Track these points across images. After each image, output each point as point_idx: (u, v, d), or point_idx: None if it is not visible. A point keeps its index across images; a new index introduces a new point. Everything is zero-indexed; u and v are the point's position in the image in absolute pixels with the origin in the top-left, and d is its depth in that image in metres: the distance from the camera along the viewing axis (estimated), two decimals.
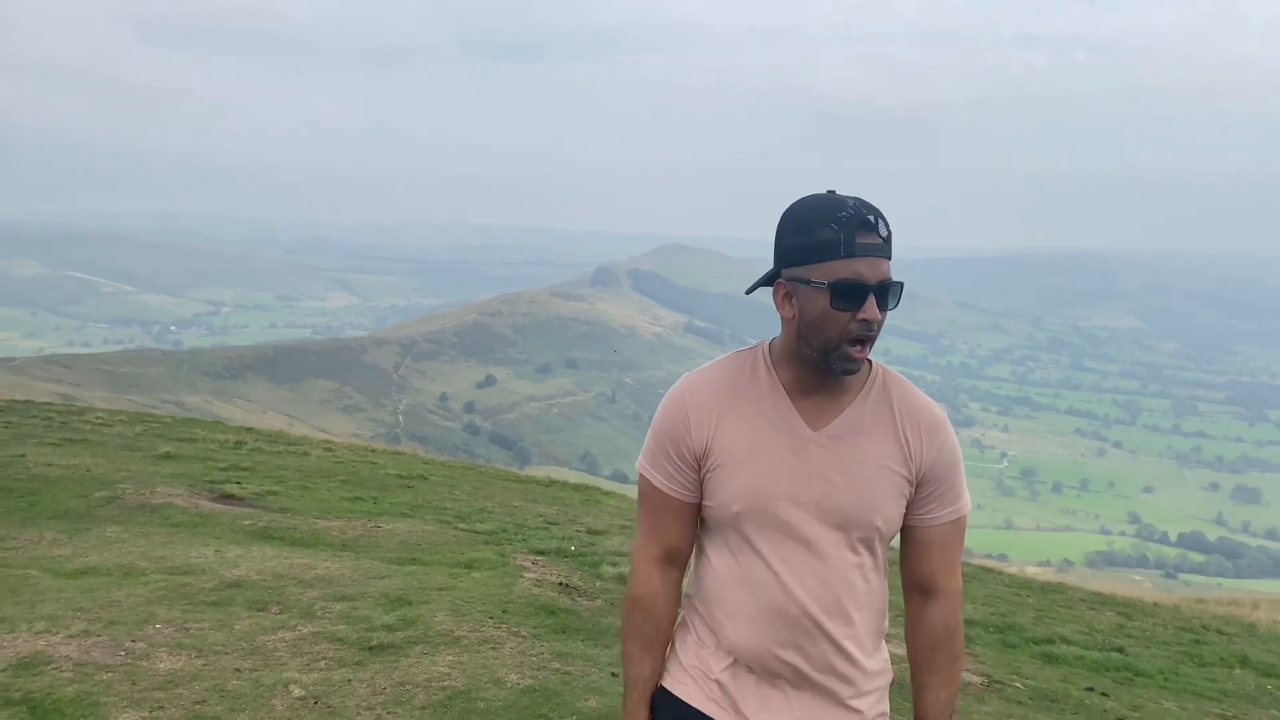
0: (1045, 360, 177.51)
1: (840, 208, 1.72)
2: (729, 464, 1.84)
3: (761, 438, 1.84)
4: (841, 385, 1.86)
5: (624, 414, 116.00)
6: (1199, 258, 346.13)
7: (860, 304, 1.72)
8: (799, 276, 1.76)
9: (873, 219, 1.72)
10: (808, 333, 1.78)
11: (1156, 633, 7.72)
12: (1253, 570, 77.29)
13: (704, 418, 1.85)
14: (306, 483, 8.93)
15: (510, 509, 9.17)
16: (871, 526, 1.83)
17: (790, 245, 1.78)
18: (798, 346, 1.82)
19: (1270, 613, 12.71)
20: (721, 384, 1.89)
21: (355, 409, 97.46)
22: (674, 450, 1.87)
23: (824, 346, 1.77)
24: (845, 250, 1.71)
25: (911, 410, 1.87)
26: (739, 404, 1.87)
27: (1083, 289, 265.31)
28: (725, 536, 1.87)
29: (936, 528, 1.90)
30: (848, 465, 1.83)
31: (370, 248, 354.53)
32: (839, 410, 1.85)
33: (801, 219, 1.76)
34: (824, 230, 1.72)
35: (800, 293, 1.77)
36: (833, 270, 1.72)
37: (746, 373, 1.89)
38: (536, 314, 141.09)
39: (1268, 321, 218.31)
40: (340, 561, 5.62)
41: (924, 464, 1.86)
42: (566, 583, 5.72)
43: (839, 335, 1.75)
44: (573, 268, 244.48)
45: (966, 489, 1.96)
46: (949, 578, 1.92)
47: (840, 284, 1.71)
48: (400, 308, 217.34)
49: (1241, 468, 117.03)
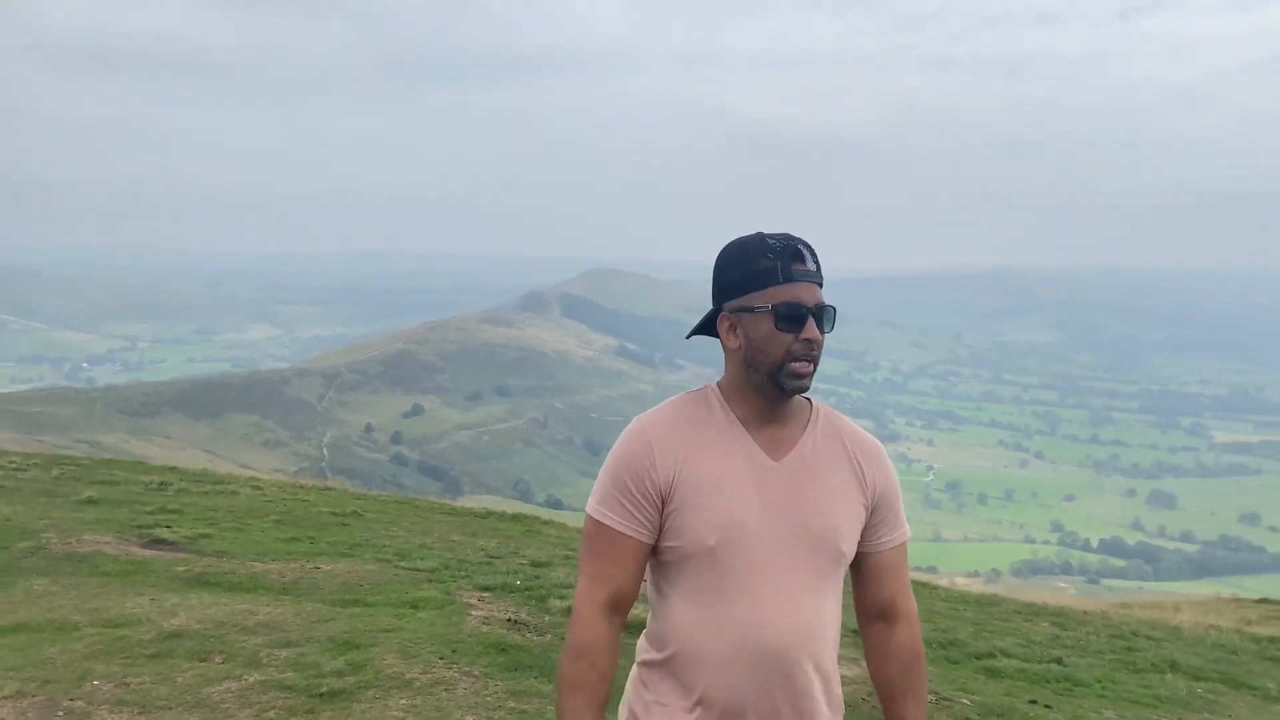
0: (967, 374, 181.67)
1: (773, 240, 1.87)
2: (697, 498, 1.84)
3: (726, 470, 1.86)
4: (790, 416, 1.93)
5: (556, 439, 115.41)
6: (1109, 271, 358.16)
7: (801, 326, 1.83)
8: (742, 306, 1.87)
9: (803, 250, 1.86)
10: (754, 357, 1.86)
11: (1090, 641, 7.92)
12: (1171, 573, 79.75)
13: (669, 452, 1.86)
14: (239, 524, 8.71)
15: (450, 544, 9.05)
16: (838, 552, 1.88)
17: (730, 280, 1.89)
18: (747, 375, 1.89)
19: (1192, 615, 13.14)
20: (679, 420, 1.91)
21: (278, 443, 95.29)
22: (636, 487, 1.86)
23: (771, 368, 1.85)
24: (783, 276, 1.83)
25: (858, 440, 1.97)
26: (700, 438, 1.89)
27: (1000, 305, 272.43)
28: (695, 577, 1.85)
29: (888, 552, 1.97)
30: (811, 493, 1.88)
31: (292, 277, 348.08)
32: (793, 441, 1.91)
33: (738, 255, 1.89)
34: (761, 261, 1.84)
35: (744, 321, 1.87)
36: (773, 295, 1.83)
37: (703, 409, 1.93)
38: (465, 341, 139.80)
39: (1176, 332, 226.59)
40: (282, 606, 5.49)
41: (876, 491, 1.95)
42: (515, 618, 5.67)
43: (784, 356, 1.84)
44: (502, 293, 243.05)
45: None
46: (907, 599, 1.99)
47: (782, 306, 1.83)
48: (323, 338, 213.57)
49: (1156, 474, 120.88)
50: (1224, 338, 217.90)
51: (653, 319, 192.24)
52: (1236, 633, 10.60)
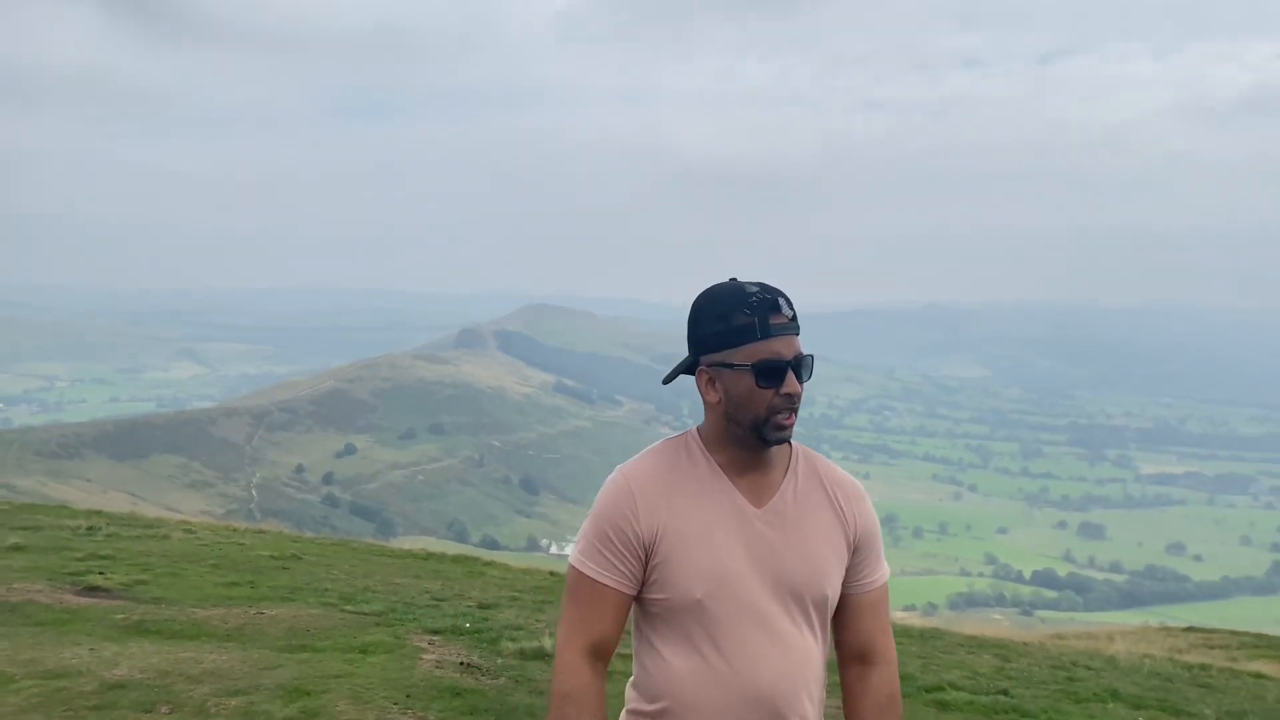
0: (900, 409, 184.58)
1: (750, 293, 1.85)
2: (683, 549, 1.85)
3: (711, 519, 1.87)
4: (771, 463, 1.93)
5: (493, 478, 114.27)
6: (1035, 307, 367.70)
7: (781, 380, 1.83)
8: (720, 361, 1.86)
9: (780, 301, 1.84)
10: (736, 412, 1.86)
11: (1033, 672, 8.04)
12: (1101, 603, 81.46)
13: (653, 504, 1.87)
14: (175, 569, 8.47)
15: (394, 587, 8.90)
16: (823, 596, 1.90)
17: (708, 333, 1.88)
18: (727, 427, 1.89)
19: (1126, 644, 13.42)
20: (662, 470, 1.91)
21: (204, 484, 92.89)
22: (619, 539, 1.86)
23: (754, 422, 1.85)
24: (761, 332, 1.82)
25: (838, 481, 2.00)
26: (684, 488, 1.89)
27: (932, 340, 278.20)
28: (682, 628, 1.86)
29: (870, 593, 1.99)
30: (795, 539, 1.89)
31: (220, 314, 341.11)
32: (774, 487, 1.92)
33: (715, 308, 1.87)
34: (739, 316, 1.83)
35: (724, 376, 1.86)
36: (752, 352, 1.82)
37: (684, 457, 1.93)
38: (399, 378, 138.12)
39: (1100, 366, 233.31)
40: (227, 653, 5.35)
41: (858, 532, 1.97)
42: (467, 662, 5.59)
43: (766, 411, 1.84)
44: (437, 330, 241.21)
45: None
46: (886, 642, 2.00)
47: (761, 364, 1.82)
48: (252, 376, 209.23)
49: (1085, 505, 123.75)
50: (1147, 372, 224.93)
51: (591, 355, 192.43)
52: (1169, 661, 10.85)
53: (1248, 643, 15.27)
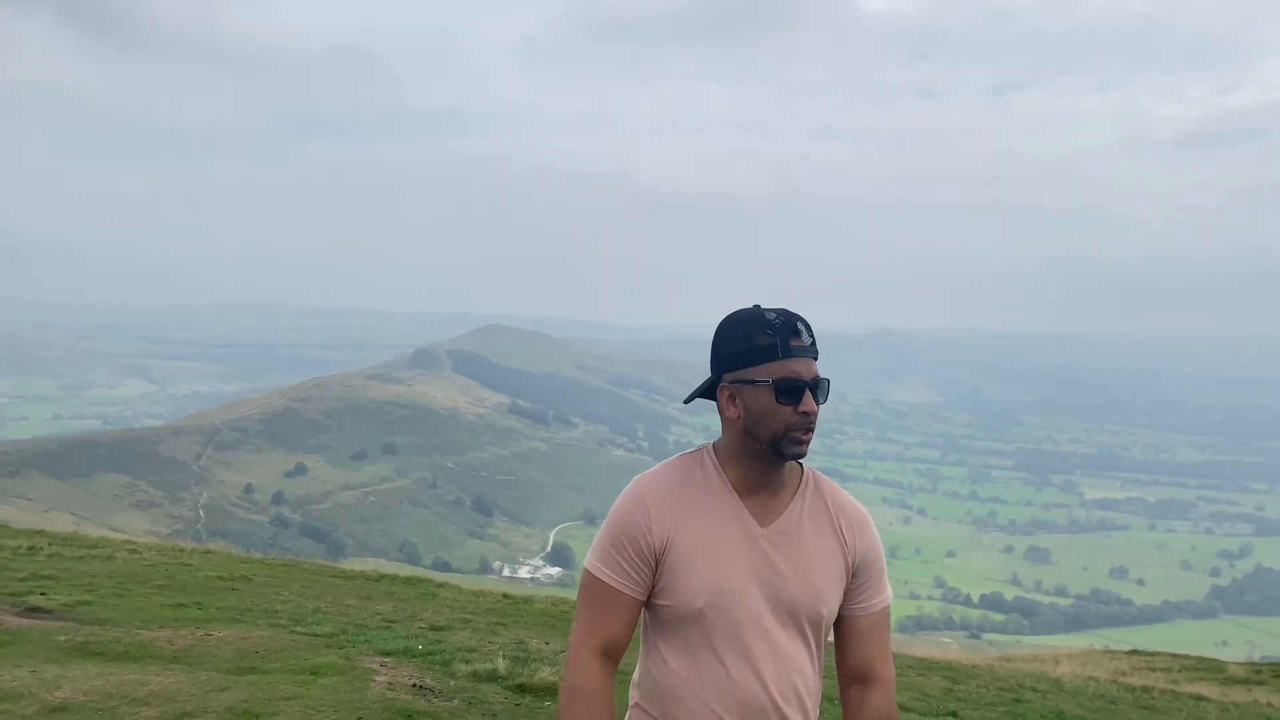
0: (852, 433, 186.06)
1: (772, 317, 1.98)
2: (689, 560, 1.96)
3: (718, 534, 1.98)
4: (782, 483, 2.04)
5: (445, 500, 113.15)
6: (985, 334, 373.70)
7: (799, 399, 1.94)
8: (742, 378, 1.97)
9: (800, 326, 1.98)
10: (755, 428, 1.97)
11: (981, 694, 8.16)
12: (1047, 626, 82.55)
13: (664, 515, 1.98)
14: (120, 590, 8.31)
15: (345, 608, 8.81)
16: (819, 616, 2.01)
17: (730, 352, 1.99)
18: (745, 443, 2.00)
19: (1071, 667, 13.65)
20: (677, 483, 2.02)
21: (150, 504, 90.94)
22: (631, 547, 1.98)
23: (772, 438, 1.96)
24: (783, 352, 1.95)
25: (843, 507, 2.10)
26: (695, 502, 2.00)
27: (883, 365, 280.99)
28: (684, 634, 1.98)
29: (869, 616, 2.10)
30: (796, 559, 2.00)
31: (169, 331, 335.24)
32: (782, 507, 2.03)
33: (739, 329, 1.99)
34: (761, 336, 1.95)
35: (744, 393, 1.98)
36: (773, 370, 1.94)
37: (697, 472, 2.04)
38: (351, 398, 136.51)
39: (1047, 393, 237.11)
40: (173, 675, 5.26)
41: (858, 556, 2.08)
42: (420, 684, 5.55)
43: (784, 428, 1.95)
44: (390, 349, 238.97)
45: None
46: (885, 664, 2.10)
47: (782, 381, 1.94)
48: (201, 395, 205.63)
49: (1031, 530, 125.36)
50: (1092, 399, 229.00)
51: (547, 376, 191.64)
52: (1113, 683, 11.06)
53: (1188, 665, 15.60)
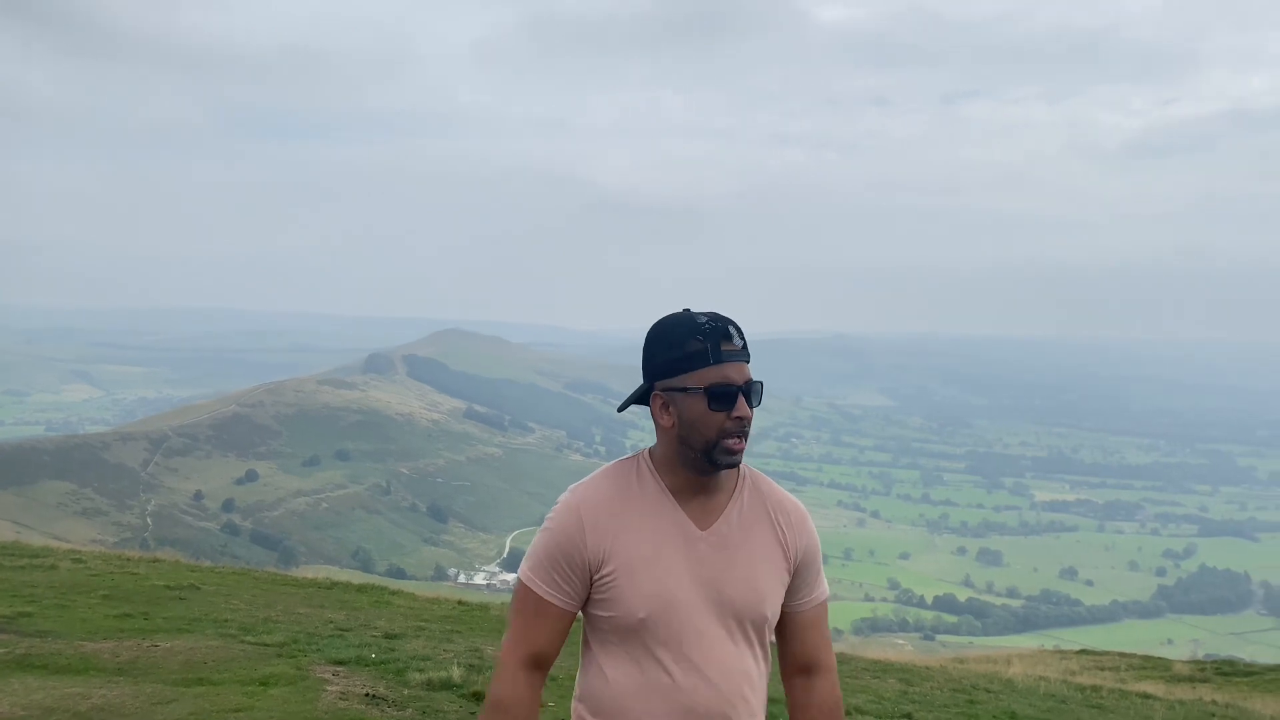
0: (808, 437, 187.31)
1: (702, 321, 1.95)
2: (629, 571, 1.93)
3: (658, 543, 1.95)
4: (719, 486, 2.02)
5: (400, 506, 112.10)
6: (937, 339, 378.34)
7: (732, 404, 1.92)
8: (674, 386, 1.95)
9: (731, 329, 1.95)
10: (689, 435, 1.94)
11: (935, 696, 8.23)
12: (999, 627, 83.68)
13: (600, 527, 1.95)
14: (63, 600, 8.12)
15: (296, 617, 8.68)
16: (763, 617, 1.99)
17: (662, 360, 1.96)
18: (680, 451, 1.97)
19: (1023, 667, 13.82)
20: (613, 493, 1.99)
21: (96, 512, 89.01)
22: (565, 560, 1.95)
23: (705, 445, 1.93)
24: (713, 358, 1.92)
25: (781, 505, 2.08)
26: (632, 511, 1.97)
27: (838, 369, 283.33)
28: (626, 645, 1.95)
29: (810, 610, 2.09)
30: (737, 561, 1.98)
31: (115, 335, 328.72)
32: (720, 510, 2.01)
33: (669, 335, 1.97)
34: (692, 342, 1.93)
35: (677, 400, 1.95)
36: (704, 376, 1.92)
37: (634, 480, 2.01)
38: (303, 403, 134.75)
39: (998, 397, 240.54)
40: (118, 688, 5.14)
41: (798, 554, 2.06)
42: (373, 693, 5.48)
43: (717, 434, 1.92)
44: (344, 354, 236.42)
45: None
46: (828, 654, 2.10)
47: (713, 387, 1.91)
48: (149, 400, 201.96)
49: (983, 532, 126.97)
50: (1042, 402, 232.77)
51: (503, 381, 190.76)
52: (1063, 683, 11.22)
53: (1135, 664, 15.89)
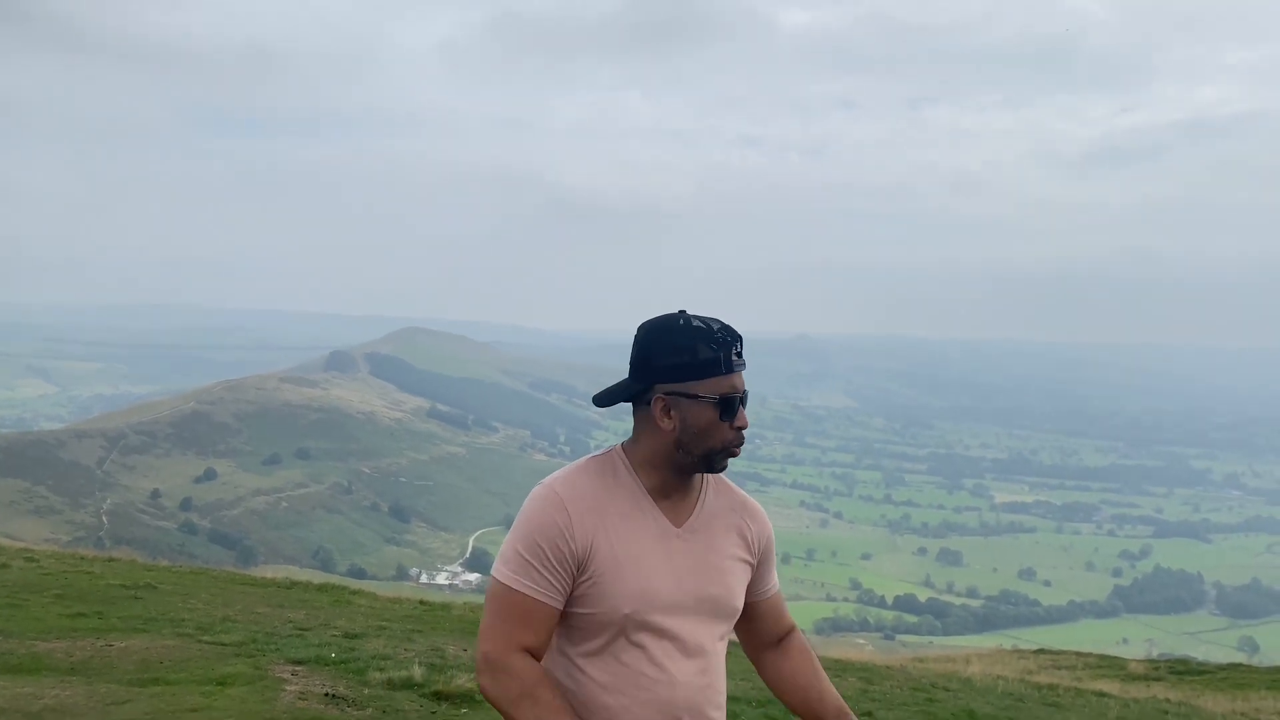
0: (771, 438, 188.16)
1: (714, 329, 1.95)
2: (613, 567, 1.89)
3: (638, 539, 1.93)
4: (690, 485, 2.03)
5: (361, 505, 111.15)
6: (897, 340, 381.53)
7: (736, 414, 1.96)
8: (680, 392, 1.92)
9: (738, 340, 1.98)
10: (691, 442, 1.94)
11: (895, 695, 8.29)
12: (959, 627, 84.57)
13: (585, 521, 1.89)
14: (14, 600, 7.97)
15: (255, 616, 8.59)
16: (734, 610, 2.04)
17: (669, 364, 1.92)
18: (674, 454, 1.96)
19: (981, 666, 13.98)
20: (592, 487, 1.94)
21: (50, 510, 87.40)
22: (551, 553, 1.86)
23: (708, 452, 1.95)
24: (725, 367, 1.93)
25: (741, 503, 2.13)
26: (612, 507, 1.93)
27: (801, 370, 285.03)
28: (605, 641, 1.90)
29: (771, 598, 2.18)
30: (710, 558, 1.99)
31: (71, 330, 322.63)
32: (690, 508, 2.02)
33: (677, 339, 1.93)
34: (705, 349, 1.92)
35: (683, 406, 1.92)
36: (716, 385, 1.92)
37: (611, 477, 1.97)
38: (264, 401, 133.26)
39: (959, 399, 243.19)
40: (71, 688, 5.05)
41: (759, 548, 2.12)
42: (333, 693, 5.43)
43: (722, 444, 1.96)
44: (305, 352, 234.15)
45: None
46: (789, 620, 2.22)
47: (725, 398, 1.93)
48: (106, 397, 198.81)
49: (944, 532, 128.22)
50: (1002, 404, 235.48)
51: (466, 380, 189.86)
52: (1021, 681, 11.35)
53: (1092, 663, 16.13)
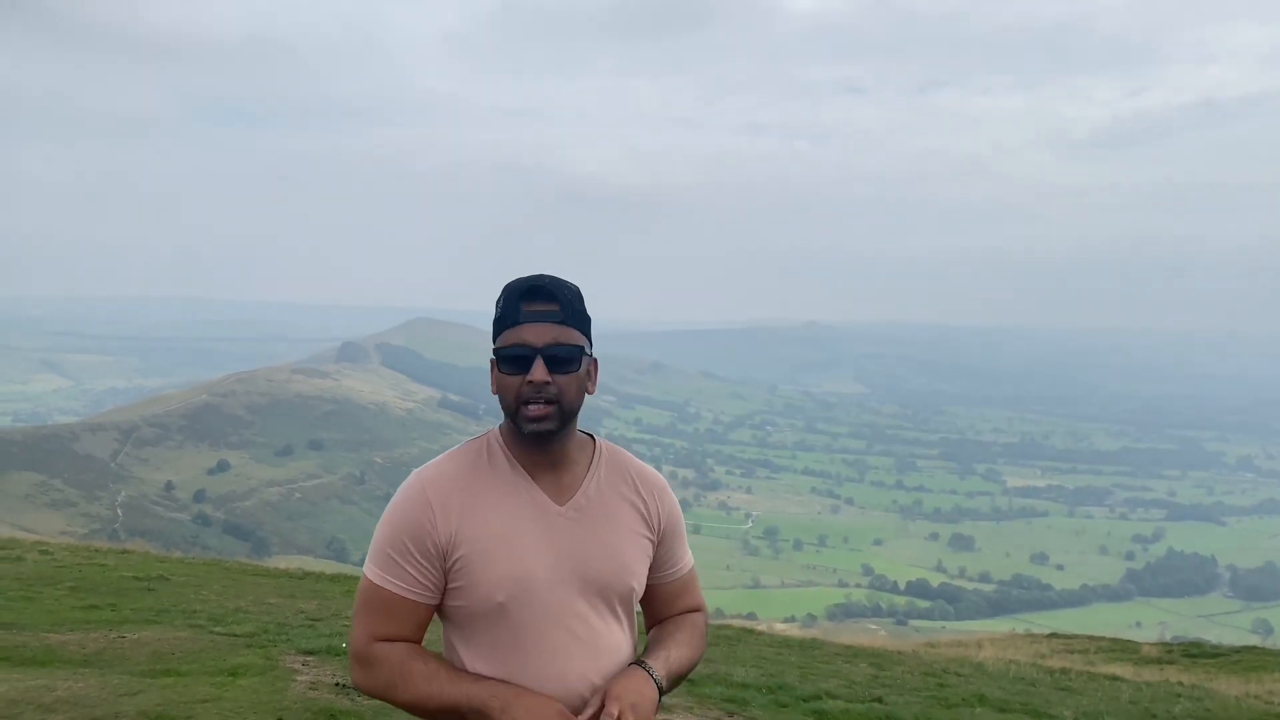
0: (782, 424, 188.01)
1: (512, 284, 1.81)
2: (482, 554, 1.79)
3: (512, 521, 1.81)
4: (570, 459, 1.89)
5: (374, 495, 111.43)
6: (909, 327, 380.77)
7: (526, 369, 1.76)
8: (492, 353, 1.84)
9: (543, 286, 1.78)
10: (501, 403, 1.83)
11: (906, 680, 8.29)
12: (971, 611, 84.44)
13: (449, 508, 1.80)
14: (28, 592, 8.02)
15: (267, 607, 8.63)
16: (629, 590, 1.89)
17: (493, 329, 1.85)
18: (507, 421, 1.86)
19: (993, 651, 13.96)
20: (460, 473, 1.85)
21: (65, 503, 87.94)
22: (416, 548, 1.79)
23: (509, 412, 1.82)
24: (511, 319, 1.79)
25: (641, 475, 1.97)
26: (482, 491, 1.83)
27: (812, 358, 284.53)
28: (486, 633, 1.80)
29: (677, 581, 2.02)
30: (599, 534, 1.86)
31: (84, 324, 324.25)
32: (577, 483, 1.89)
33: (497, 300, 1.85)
34: (499, 307, 1.81)
35: (492, 367, 1.85)
36: (504, 339, 1.79)
37: (484, 458, 1.87)
38: (276, 393, 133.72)
39: (970, 384, 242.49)
40: (84, 679, 5.08)
41: (662, 524, 1.96)
42: (343, 682, 5.44)
43: (514, 399, 1.79)
44: (316, 343, 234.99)
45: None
46: (697, 601, 2.06)
47: (504, 350, 1.79)
48: (119, 390, 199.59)
49: (956, 517, 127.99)
50: (1013, 389, 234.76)
51: (476, 369, 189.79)
52: (1033, 666, 11.33)
53: (1104, 647, 16.08)
